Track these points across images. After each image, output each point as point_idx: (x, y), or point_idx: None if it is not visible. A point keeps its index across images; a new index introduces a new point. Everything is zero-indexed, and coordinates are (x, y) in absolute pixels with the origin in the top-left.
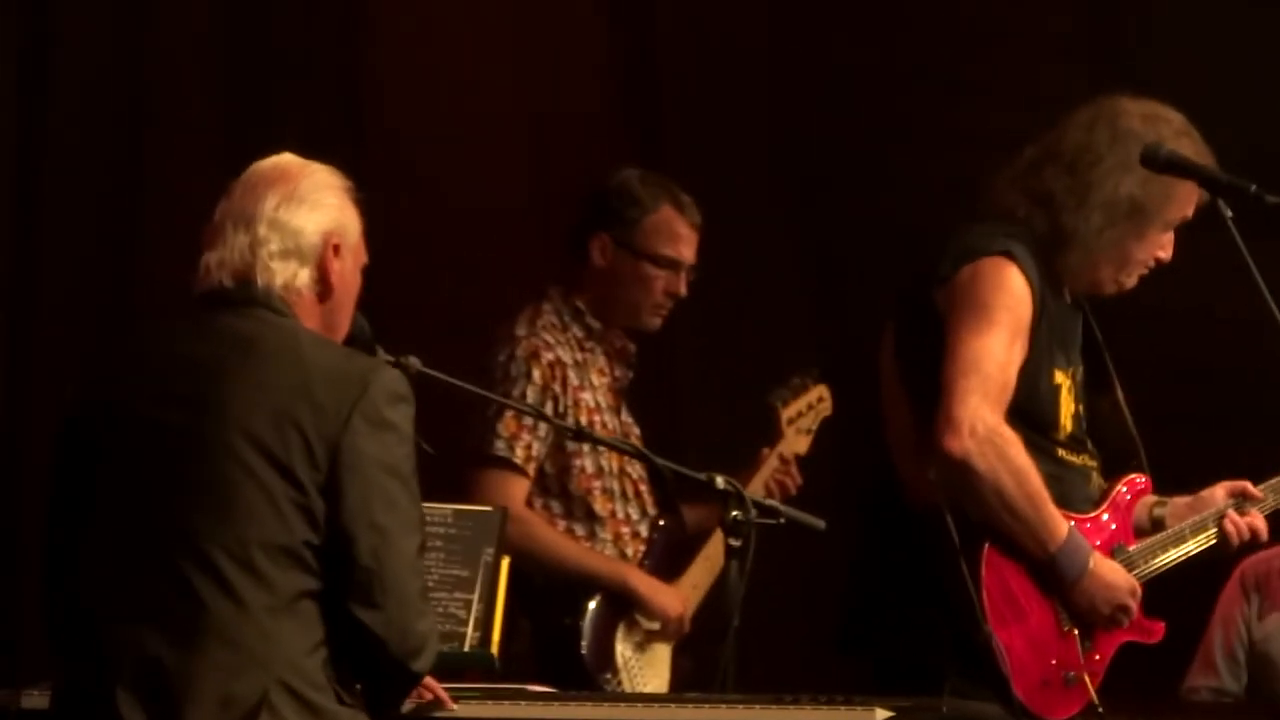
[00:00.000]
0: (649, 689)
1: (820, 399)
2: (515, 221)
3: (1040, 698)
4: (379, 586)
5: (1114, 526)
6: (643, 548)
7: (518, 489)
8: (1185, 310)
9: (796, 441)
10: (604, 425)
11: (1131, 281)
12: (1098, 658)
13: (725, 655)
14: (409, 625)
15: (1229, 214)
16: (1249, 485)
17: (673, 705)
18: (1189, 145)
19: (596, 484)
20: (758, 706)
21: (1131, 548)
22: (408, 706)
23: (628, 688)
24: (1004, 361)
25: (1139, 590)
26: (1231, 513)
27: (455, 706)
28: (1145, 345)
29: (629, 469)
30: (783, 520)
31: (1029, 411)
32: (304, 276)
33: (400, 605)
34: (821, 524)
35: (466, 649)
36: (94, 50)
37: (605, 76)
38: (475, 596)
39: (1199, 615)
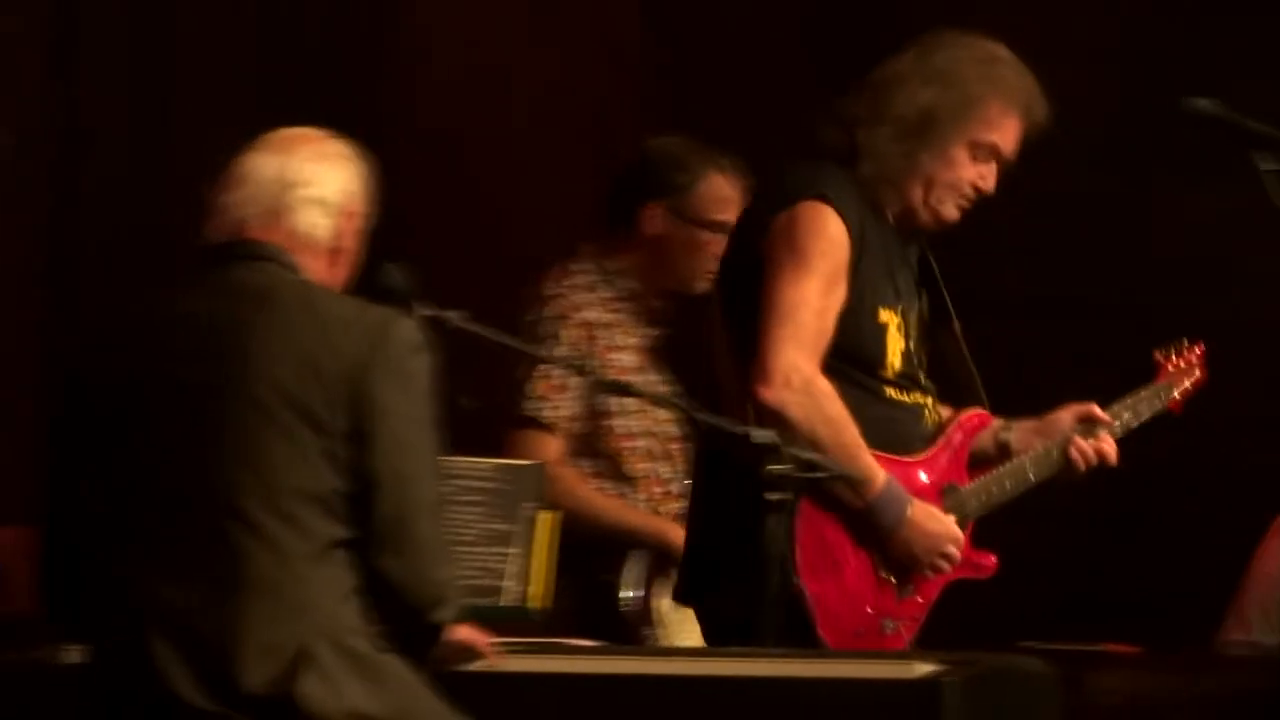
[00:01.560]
0: (688, 643)
1: None
2: (549, 196)
3: (855, 647)
4: (398, 534)
5: (946, 465)
6: (676, 506)
7: (549, 449)
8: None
9: None
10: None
11: (948, 210)
12: (919, 601)
13: (766, 608)
14: (428, 573)
15: (1267, 167)
16: (1095, 408)
17: (715, 659)
18: (1011, 76)
19: (628, 444)
20: (799, 659)
21: (964, 487)
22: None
23: (665, 642)
24: (820, 308)
25: (960, 538)
26: (1077, 438)
27: (494, 654)
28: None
29: (661, 428)
30: (823, 474)
31: (853, 352)
32: (325, 228)
33: (420, 553)
34: (854, 475)
35: (506, 603)
36: (126, 23)
37: (640, 41)
38: (515, 550)
39: (1233, 571)
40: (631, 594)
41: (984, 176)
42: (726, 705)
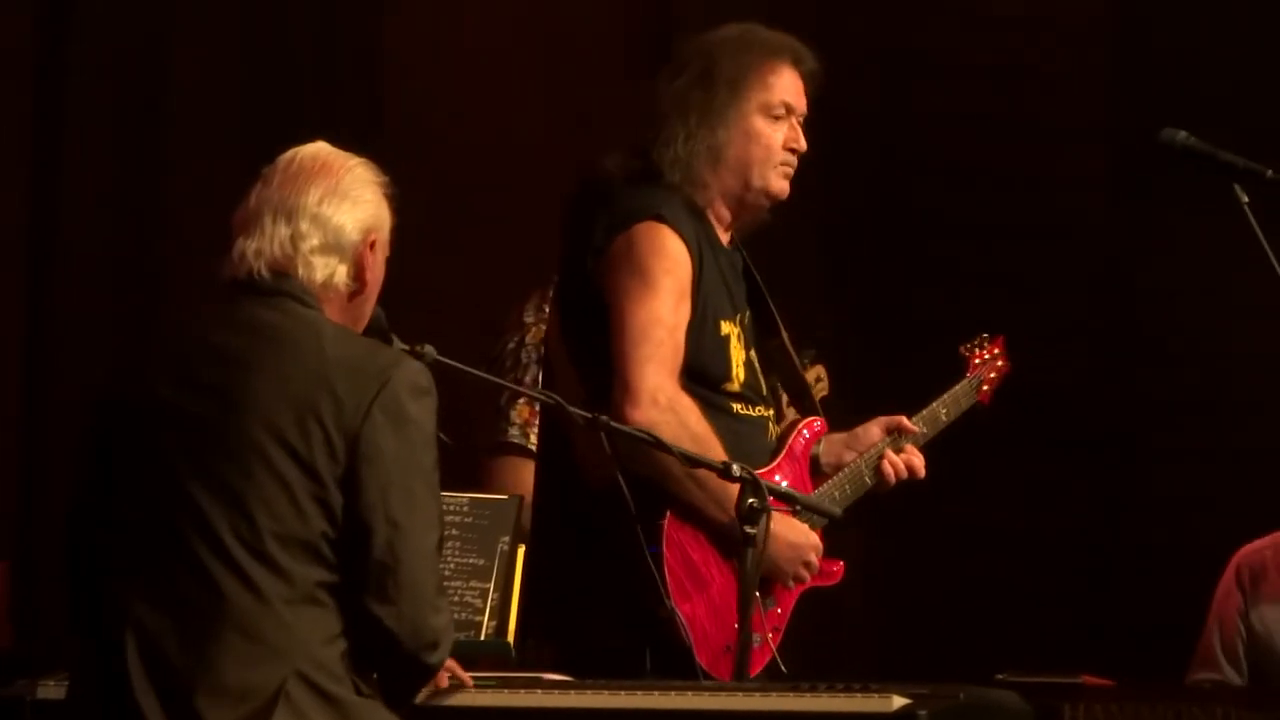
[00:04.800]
0: None
1: (818, 379)
2: (534, 205)
3: (725, 663)
4: (393, 581)
5: (791, 475)
6: None
7: (532, 476)
8: None
9: None
10: None
11: (776, 182)
12: (779, 611)
13: (740, 643)
14: (423, 621)
15: (1245, 200)
16: (904, 420)
17: (689, 693)
18: (763, 34)
19: None
20: (774, 694)
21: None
22: (423, 695)
23: None
24: (672, 325)
25: (820, 545)
26: (889, 452)
27: (471, 684)
28: None
29: None
30: (798, 508)
31: (699, 368)
32: (342, 273)
33: (414, 601)
34: (838, 512)
35: (482, 638)
36: (115, 27)
37: (625, 43)
38: (491, 585)
39: (1197, 608)
40: None
41: (791, 138)
42: None
